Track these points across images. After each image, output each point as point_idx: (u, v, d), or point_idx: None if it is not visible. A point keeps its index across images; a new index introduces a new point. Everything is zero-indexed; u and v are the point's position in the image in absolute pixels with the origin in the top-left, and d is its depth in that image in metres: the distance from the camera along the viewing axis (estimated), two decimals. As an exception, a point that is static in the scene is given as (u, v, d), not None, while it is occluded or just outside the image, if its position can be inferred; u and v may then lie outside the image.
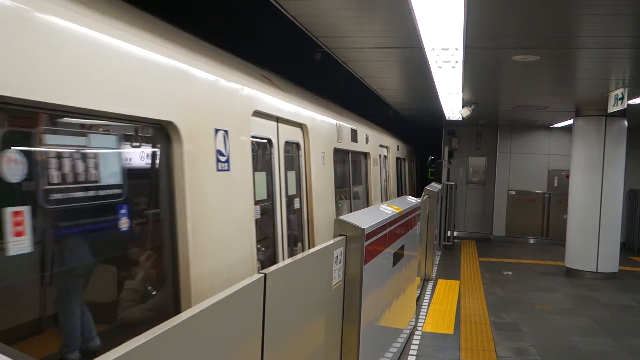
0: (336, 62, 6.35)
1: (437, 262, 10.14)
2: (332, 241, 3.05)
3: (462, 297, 7.66)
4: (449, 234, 12.16)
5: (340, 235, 3.22)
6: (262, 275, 2.08)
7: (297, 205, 4.86)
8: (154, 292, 2.69)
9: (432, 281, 8.56)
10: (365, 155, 8.37)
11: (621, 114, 8.81)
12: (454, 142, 14.40)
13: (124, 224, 2.48)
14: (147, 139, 2.62)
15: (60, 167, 2.09)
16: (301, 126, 4.96)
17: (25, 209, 1.87)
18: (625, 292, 8.57)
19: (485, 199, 14.41)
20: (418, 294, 7.25)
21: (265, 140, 4.13)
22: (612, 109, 7.74)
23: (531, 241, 13.74)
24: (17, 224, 1.83)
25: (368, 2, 4.05)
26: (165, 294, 2.65)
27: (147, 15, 2.79)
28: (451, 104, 8.79)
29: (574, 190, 9.76)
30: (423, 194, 8.46)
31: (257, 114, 3.75)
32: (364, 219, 3.53)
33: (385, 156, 10.40)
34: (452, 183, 12.37)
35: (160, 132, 2.60)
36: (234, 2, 6.27)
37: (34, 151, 1.99)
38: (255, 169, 3.66)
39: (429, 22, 3.89)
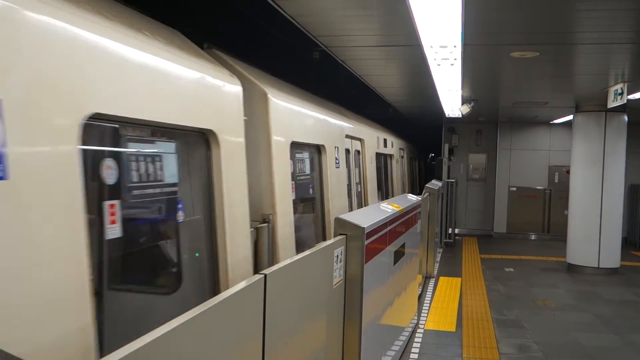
0: (342, 65, 6.47)
1: (438, 259, 10.14)
2: (332, 240, 3.05)
3: (464, 295, 7.66)
4: (450, 231, 12.16)
5: (340, 234, 3.22)
6: (262, 275, 2.08)
7: (359, 189, 7.81)
8: (320, 225, 5.66)
9: (434, 279, 8.56)
10: (391, 156, 11.19)
11: (621, 109, 8.80)
12: (454, 139, 14.39)
13: (312, 192, 5.61)
14: (316, 154, 5.57)
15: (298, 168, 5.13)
16: (360, 140, 7.85)
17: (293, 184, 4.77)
18: (627, 287, 8.57)
19: (486, 195, 14.41)
20: (419, 292, 7.25)
21: (346, 150, 6.85)
22: (611, 104, 7.73)
23: (532, 237, 13.74)
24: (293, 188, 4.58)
25: (365, 1, 4.04)
26: (322, 225, 5.63)
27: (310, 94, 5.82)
28: (451, 101, 8.78)
29: (575, 186, 9.75)
30: (423, 191, 8.46)
31: (346, 136, 6.81)
32: (364, 217, 3.53)
33: (402, 156, 13.42)
34: (453, 180, 12.37)
35: (317, 150, 5.58)
36: (232, 3, 6.27)
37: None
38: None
39: (427, 19, 3.89)
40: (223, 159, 3.16)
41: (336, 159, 5.98)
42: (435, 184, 9.59)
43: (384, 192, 10.25)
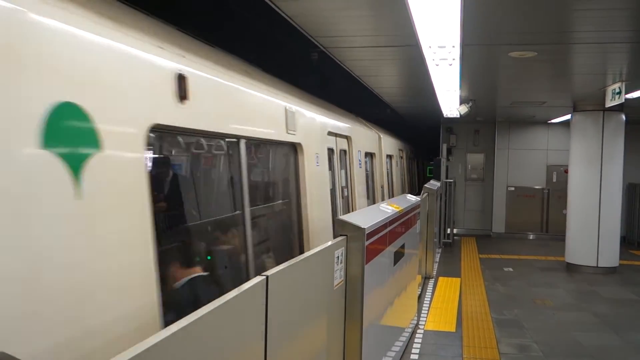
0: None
1: (437, 259, 10.15)
2: (332, 241, 3.04)
3: (463, 294, 7.66)
4: (448, 231, 12.17)
5: (341, 235, 3.22)
6: (264, 277, 2.08)
7: (402, 178, 13.21)
8: (391, 194, 11.21)
9: (433, 279, 8.56)
10: (413, 158, 16.86)
11: (619, 108, 8.81)
12: (452, 139, 14.40)
13: (388, 178, 11.05)
14: (389, 160, 10.89)
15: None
16: (403, 150, 13.81)
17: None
18: (626, 286, 8.58)
19: (484, 195, 14.42)
20: (419, 292, 7.25)
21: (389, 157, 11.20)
22: (609, 103, 7.75)
23: (531, 237, 13.75)
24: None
25: (364, 1, 4.04)
26: (391, 193, 11.25)
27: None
28: (449, 101, 8.79)
29: (573, 185, 9.77)
30: (422, 191, 8.47)
31: (398, 149, 12.95)
32: (364, 218, 3.53)
33: (419, 159, 20.13)
34: (451, 180, 12.37)
35: (390, 157, 11.03)
36: (230, 3, 6.26)
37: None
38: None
39: (426, 20, 3.89)
40: (376, 163, 8.87)
41: (396, 162, 11.69)
42: (433, 184, 9.60)
43: (412, 183, 16.10)
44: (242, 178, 3.40)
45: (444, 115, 10.89)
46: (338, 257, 3.07)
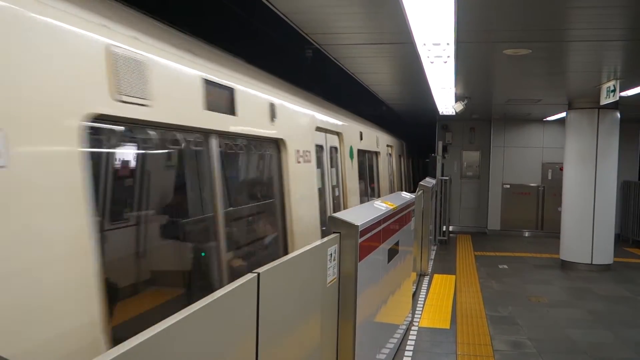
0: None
1: (432, 257, 10.16)
2: (325, 239, 3.04)
3: (458, 292, 7.68)
4: (444, 228, 12.18)
5: (334, 232, 3.22)
6: (256, 274, 2.07)
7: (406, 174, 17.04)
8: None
9: (428, 276, 8.57)
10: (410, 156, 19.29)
11: (613, 106, 8.83)
12: (448, 136, 14.41)
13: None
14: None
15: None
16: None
17: None
18: (620, 283, 8.62)
19: (479, 193, 14.45)
20: (414, 290, 7.26)
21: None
22: (604, 101, 7.76)
23: (526, 234, 13.79)
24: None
25: (358, -2, 4.04)
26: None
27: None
28: (444, 99, 8.79)
29: (568, 183, 9.79)
30: (417, 189, 8.47)
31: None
32: (358, 215, 3.53)
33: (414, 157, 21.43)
34: (447, 178, 12.39)
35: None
36: (225, 1, 6.25)
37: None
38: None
39: (420, 17, 3.89)
40: (402, 160, 15.41)
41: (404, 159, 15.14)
42: (429, 181, 9.61)
43: (408, 180, 17.61)
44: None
45: (440, 113, 10.89)
46: (331, 254, 3.06)
